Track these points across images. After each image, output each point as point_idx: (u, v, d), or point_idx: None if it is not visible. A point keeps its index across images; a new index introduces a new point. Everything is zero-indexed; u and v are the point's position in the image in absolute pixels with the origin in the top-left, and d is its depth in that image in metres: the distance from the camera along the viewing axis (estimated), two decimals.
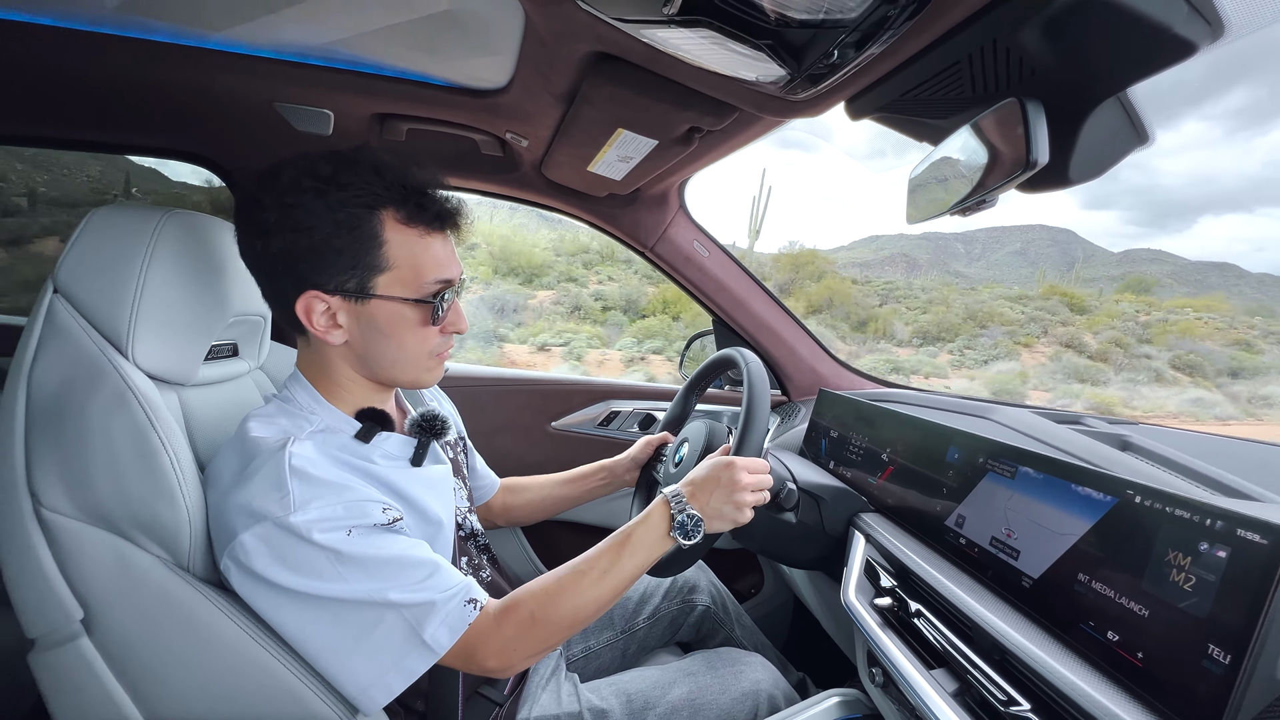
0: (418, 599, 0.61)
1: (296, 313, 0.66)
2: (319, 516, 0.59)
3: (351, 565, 0.60)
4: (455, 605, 0.63)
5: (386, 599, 0.60)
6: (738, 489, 0.74)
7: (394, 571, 0.61)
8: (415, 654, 0.61)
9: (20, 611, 0.62)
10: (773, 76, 0.64)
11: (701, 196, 10.11)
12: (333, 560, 0.59)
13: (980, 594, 0.63)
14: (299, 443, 0.63)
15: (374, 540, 0.62)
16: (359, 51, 0.88)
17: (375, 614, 0.60)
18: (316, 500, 0.60)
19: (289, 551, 0.59)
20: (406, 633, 0.61)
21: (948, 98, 0.61)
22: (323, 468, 0.63)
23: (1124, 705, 0.45)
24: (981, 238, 43.97)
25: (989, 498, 0.69)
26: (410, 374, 0.73)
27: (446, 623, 0.62)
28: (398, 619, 0.61)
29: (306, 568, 0.59)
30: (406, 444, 0.75)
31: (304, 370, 0.73)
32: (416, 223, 0.68)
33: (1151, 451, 0.73)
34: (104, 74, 0.95)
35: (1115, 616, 0.50)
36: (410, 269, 0.67)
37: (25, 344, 0.65)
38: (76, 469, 0.62)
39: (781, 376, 1.51)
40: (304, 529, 0.59)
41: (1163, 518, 0.49)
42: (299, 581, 0.59)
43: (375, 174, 0.66)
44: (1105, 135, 0.54)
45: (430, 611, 0.61)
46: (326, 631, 0.61)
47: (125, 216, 0.70)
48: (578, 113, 0.86)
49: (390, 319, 0.68)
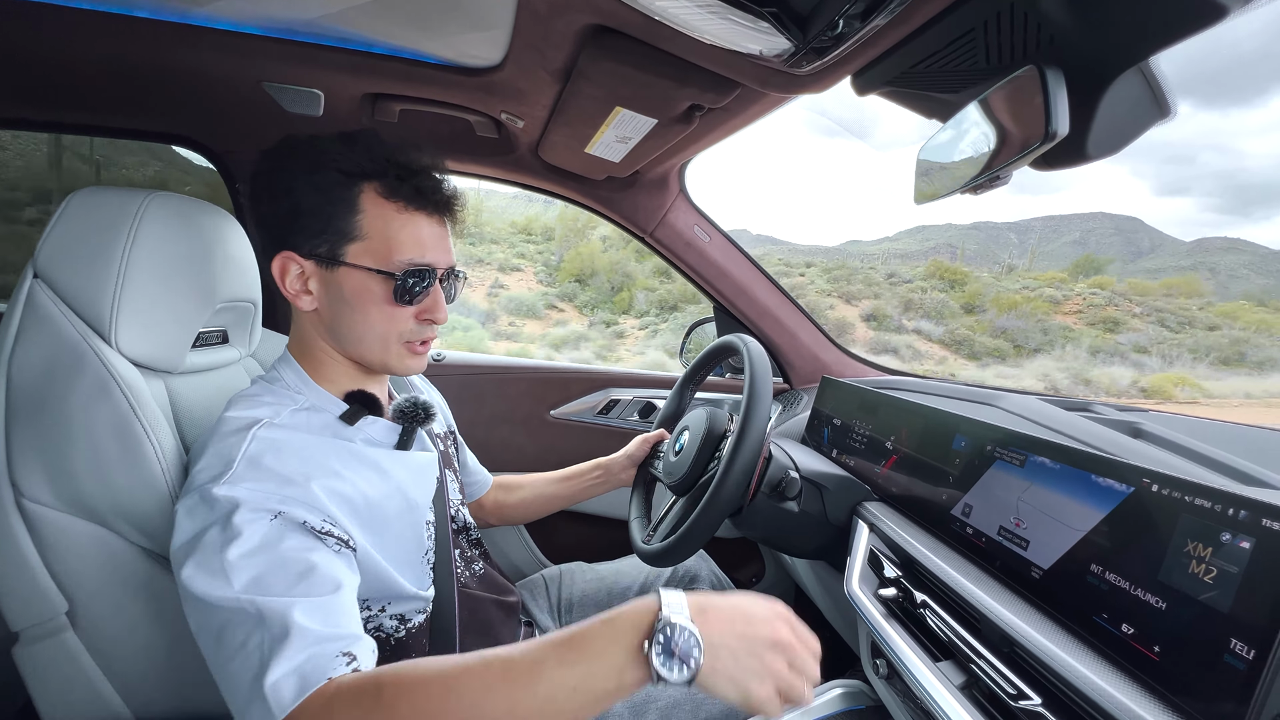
0: (288, 621, 0.49)
1: (273, 273, 0.67)
2: (245, 495, 0.55)
3: (243, 554, 0.52)
4: (324, 649, 0.49)
5: (257, 607, 0.50)
6: (780, 647, 0.50)
7: (283, 576, 0.52)
8: (257, 705, 0.46)
9: (4, 604, 0.61)
10: (776, 49, 0.62)
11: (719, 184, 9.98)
12: (227, 545, 0.52)
13: (988, 585, 0.62)
14: (270, 427, 0.62)
15: (284, 537, 0.55)
16: (349, 27, 0.85)
17: (246, 629, 0.50)
18: (252, 481, 0.56)
19: (198, 530, 0.54)
20: (255, 673, 0.47)
21: (960, 69, 0.58)
22: (283, 457, 0.60)
23: (1139, 700, 0.44)
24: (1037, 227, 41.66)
25: (997, 486, 0.67)
26: (376, 354, 0.70)
27: (300, 670, 0.47)
28: (258, 645, 0.49)
29: (203, 555, 0.52)
30: (391, 430, 0.74)
31: (293, 350, 0.73)
32: (396, 197, 0.67)
33: (1165, 438, 0.71)
34: (86, 53, 0.92)
35: (1130, 609, 0.48)
36: (382, 241, 0.67)
37: (5, 331, 0.64)
38: (58, 459, 0.60)
39: (784, 364, 1.49)
40: (222, 501, 0.54)
41: (1182, 506, 0.47)
42: (194, 576, 0.52)
43: (365, 148, 0.66)
44: (1126, 107, 0.51)
45: (289, 645, 0.48)
46: (208, 646, 0.52)
47: (106, 198, 0.68)
48: (574, 90, 0.83)
49: (355, 289, 0.67)
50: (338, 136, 0.67)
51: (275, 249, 0.67)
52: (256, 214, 0.69)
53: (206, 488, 0.55)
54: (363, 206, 0.66)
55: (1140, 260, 40.02)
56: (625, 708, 0.83)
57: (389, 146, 0.67)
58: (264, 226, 0.69)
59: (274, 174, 0.66)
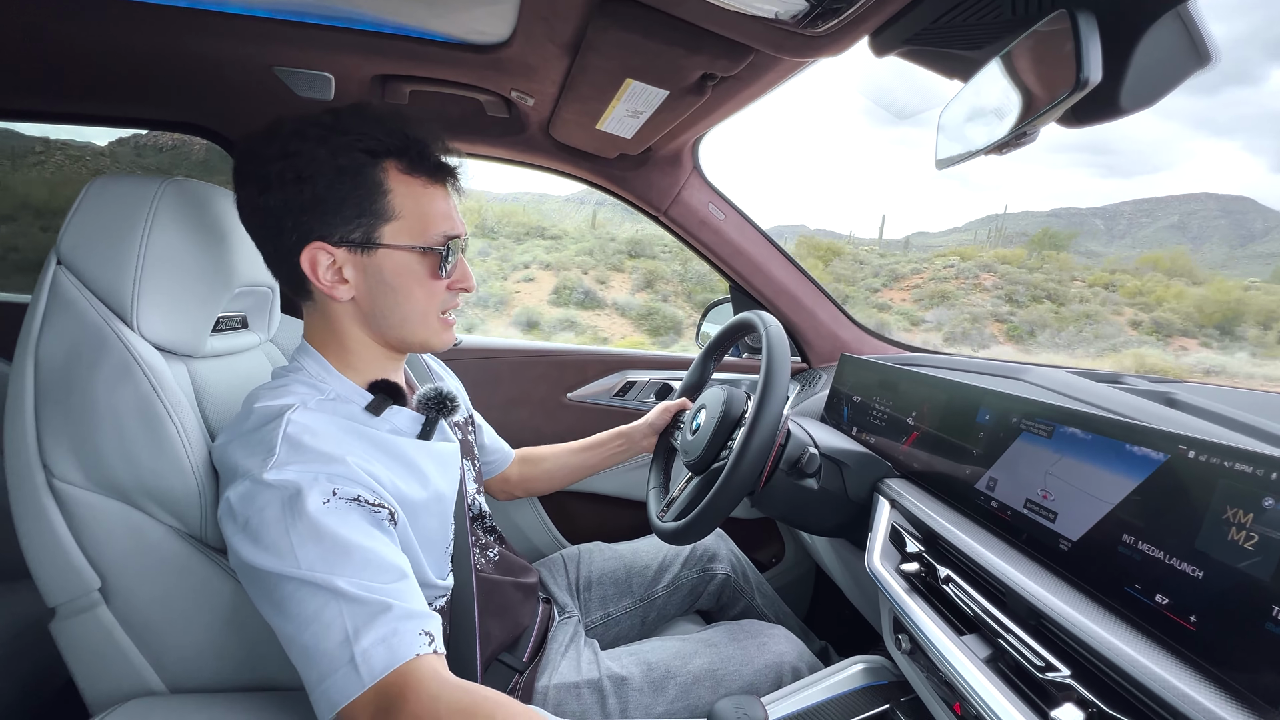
0: (370, 597, 0.52)
1: (302, 267, 0.63)
2: (295, 476, 0.56)
3: (307, 536, 0.53)
4: (408, 620, 0.53)
5: (333, 585, 0.52)
6: None
7: (354, 560, 0.54)
8: (342, 670, 0.50)
9: (40, 581, 0.62)
10: (790, 9, 0.60)
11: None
12: (291, 527, 0.54)
13: (1014, 558, 0.60)
14: (302, 410, 0.61)
15: (345, 517, 0.56)
16: (356, 6, 0.85)
17: (319, 602, 0.52)
18: (298, 463, 0.57)
19: (255, 514, 0.55)
20: (341, 640, 0.50)
21: (983, 22, 0.56)
22: (320, 438, 0.59)
23: (1174, 671, 0.42)
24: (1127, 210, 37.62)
25: (1023, 459, 0.65)
26: (419, 333, 0.70)
27: (388, 641, 0.51)
28: (338, 616, 0.51)
29: (265, 536, 0.54)
30: (415, 420, 0.73)
31: (312, 340, 0.71)
32: (419, 172, 0.66)
33: (1201, 408, 0.69)
34: (98, 43, 0.93)
35: (1165, 579, 0.47)
36: (417, 218, 0.66)
37: (31, 317, 0.65)
38: (86, 440, 0.62)
39: (802, 343, 1.47)
40: (275, 485, 0.55)
41: (1220, 472, 0.45)
42: (255, 554, 0.54)
43: (377, 122, 0.64)
44: (1163, 55, 0.48)
45: (376, 619, 0.51)
46: (281, 618, 0.53)
47: (124, 185, 0.69)
48: (584, 63, 0.82)
49: (397, 270, 0.66)
50: (340, 114, 0.64)
51: (300, 242, 0.63)
52: (264, 205, 0.63)
53: (256, 475, 0.56)
54: (390, 185, 0.64)
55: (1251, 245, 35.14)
56: (645, 683, 0.83)
57: (397, 119, 0.66)
58: (277, 218, 0.63)
59: (284, 161, 0.61)
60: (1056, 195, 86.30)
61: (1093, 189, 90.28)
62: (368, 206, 0.63)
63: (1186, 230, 35.10)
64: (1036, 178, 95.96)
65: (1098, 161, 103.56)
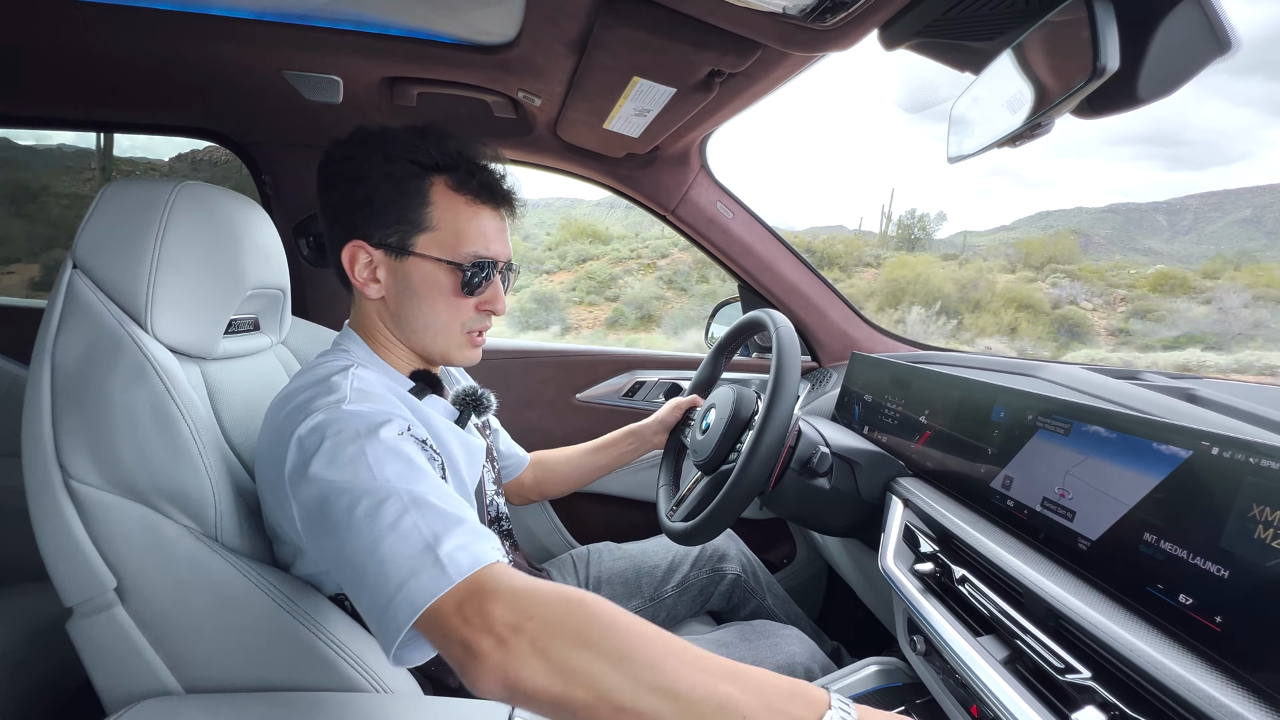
0: (447, 509, 0.53)
1: (342, 261, 0.69)
2: (370, 410, 0.59)
3: (385, 455, 0.55)
4: (483, 536, 0.53)
5: (413, 493, 0.53)
6: None
7: (430, 480, 0.55)
8: (427, 571, 0.49)
9: (56, 581, 0.63)
10: (799, 3, 0.59)
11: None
12: (368, 445, 0.55)
13: (1031, 558, 0.59)
14: (363, 369, 0.66)
15: (418, 451, 0.59)
16: (363, 9, 0.85)
17: (399, 506, 0.52)
18: (369, 404, 0.60)
19: (333, 434, 0.56)
20: (422, 546, 0.50)
21: (994, 13, 0.55)
22: (381, 396, 0.63)
23: (1199, 672, 0.41)
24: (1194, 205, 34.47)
25: (1039, 457, 0.64)
26: (439, 344, 0.73)
27: (469, 547, 0.50)
28: (416, 525, 0.51)
29: (343, 453, 0.55)
30: (450, 412, 0.77)
31: (355, 328, 0.75)
32: (465, 190, 0.69)
33: (1223, 403, 0.67)
34: (110, 48, 0.94)
35: (1189, 578, 0.46)
36: (451, 233, 0.69)
37: (48, 320, 0.66)
38: (101, 441, 0.62)
39: (812, 342, 1.46)
40: (350, 414, 0.57)
41: (1246, 469, 0.44)
42: (330, 470, 0.54)
43: (436, 140, 0.68)
44: (1181, 43, 0.47)
45: (454, 527, 0.51)
46: (355, 532, 0.52)
47: (138, 190, 0.70)
48: (591, 62, 0.82)
49: (424, 279, 0.69)
50: (407, 129, 0.69)
51: (345, 237, 0.69)
52: (327, 202, 0.70)
53: (333, 407, 0.58)
54: (433, 199, 0.68)
55: None
56: None
57: (457, 140, 0.70)
58: (334, 215, 0.70)
59: (347, 163, 0.68)
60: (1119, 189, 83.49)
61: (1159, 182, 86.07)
62: (408, 214, 0.68)
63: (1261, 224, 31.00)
64: (1096, 172, 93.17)
65: (1164, 153, 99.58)
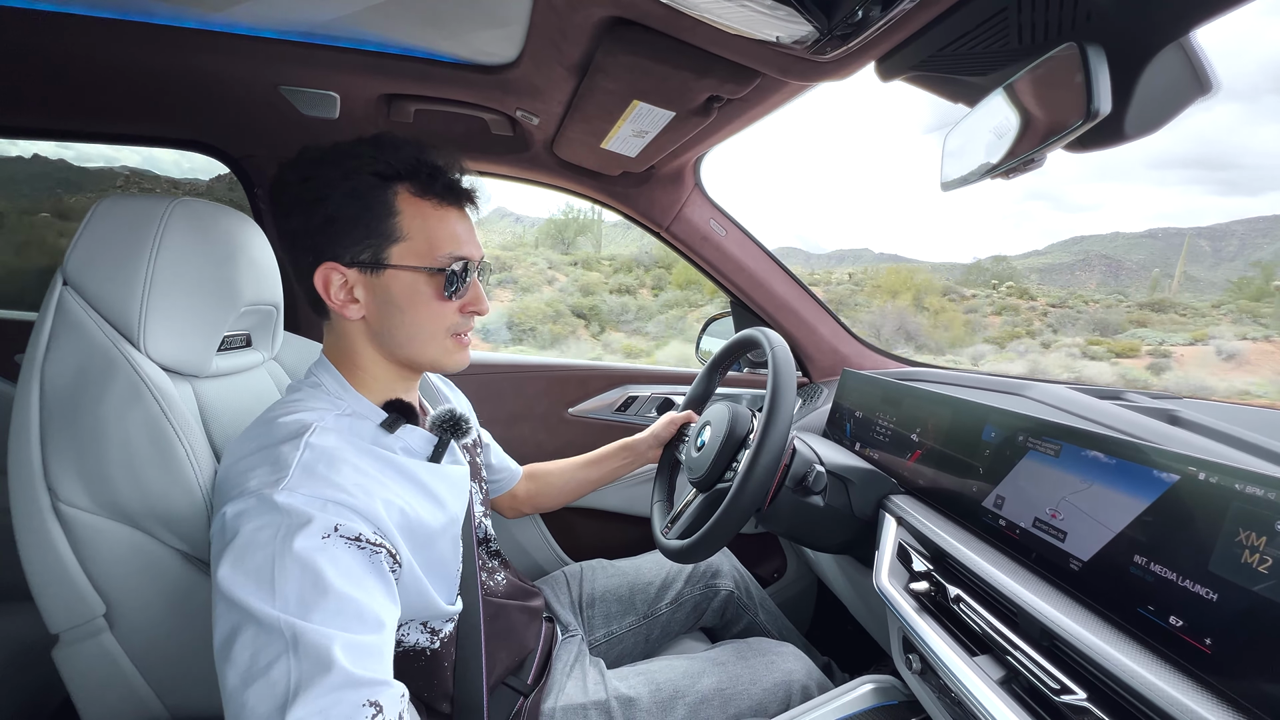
0: (322, 643, 0.48)
1: (315, 286, 0.66)
2: (303, 503, 0.53)
3: (292, 569, 0.50)
4: (351, 696, 0.47)
5: (297, 630, 0.48)
6: None
7: (329, 605, 0.50)
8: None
9: (43, 607, 0.61)
10: (798, 35, 0.61)
11: None
12: (280, 555, 0.51)
13: (1024, 577, 0.61)
14: (321, 432, 0.61)
15: (338, 556, 0.53)
16: (364, 28, 0.85)
17: (280, 647, 0.48)
18: (308, 489, 0.55)
19: (250, 532, 0.52)
20: (279, 700, 0.46)
21: (990, 50, 0.57)
22: (336, 466, 0.58)
23: (1191, 694, 0.43)
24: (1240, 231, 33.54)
25: (1031, 477, 0.66)
26: (428, 353, 0.71)
27: (325, 713, 0.45)
28: (289, 669, 0.47)
29: (251, 559, 0.51)
30: (428, 441, 0.74)
31: (330, 357, 0.72)
32: (429, 195, 0.67)
33: (1203, 425, 0.70)
34: (105, 61, 0.93)
35: (1179, 601, 0.47)
36: (424, 239, 0.67)
37: (36, 338, 0.64)
38: (93, 463, 0.61)
39: (803, 357, 1.48)
40: (281, 507, 0.52)
41: (1232, 495, 0.46)
42: (234, 576, 0.50)
43: (392, 148, 0.66)
44: (1165, 84, 0.49)
45: (318, 679, 0.46)
46: (232, 666, 0.48)
47: (131, 205, 0.69)
48: (591, 85, 0.83)
49: (404, 290, 0.67)
50: (360, 141, 0.66)
51: (313, 262, 0.65)
52: (286, 228, 0.66)
53: (264, 493, 0.53)
54: (399, 208, 0.66)
55: None
56: (654, 703, 0.82)
57: (412, 145, 0.67)
58: (294, 241, 0.66)
59: (303, 185, 0.64)
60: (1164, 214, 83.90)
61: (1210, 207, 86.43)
62: (376, 228, 0.65)
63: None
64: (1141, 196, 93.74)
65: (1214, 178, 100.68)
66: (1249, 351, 13.63)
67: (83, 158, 11.56)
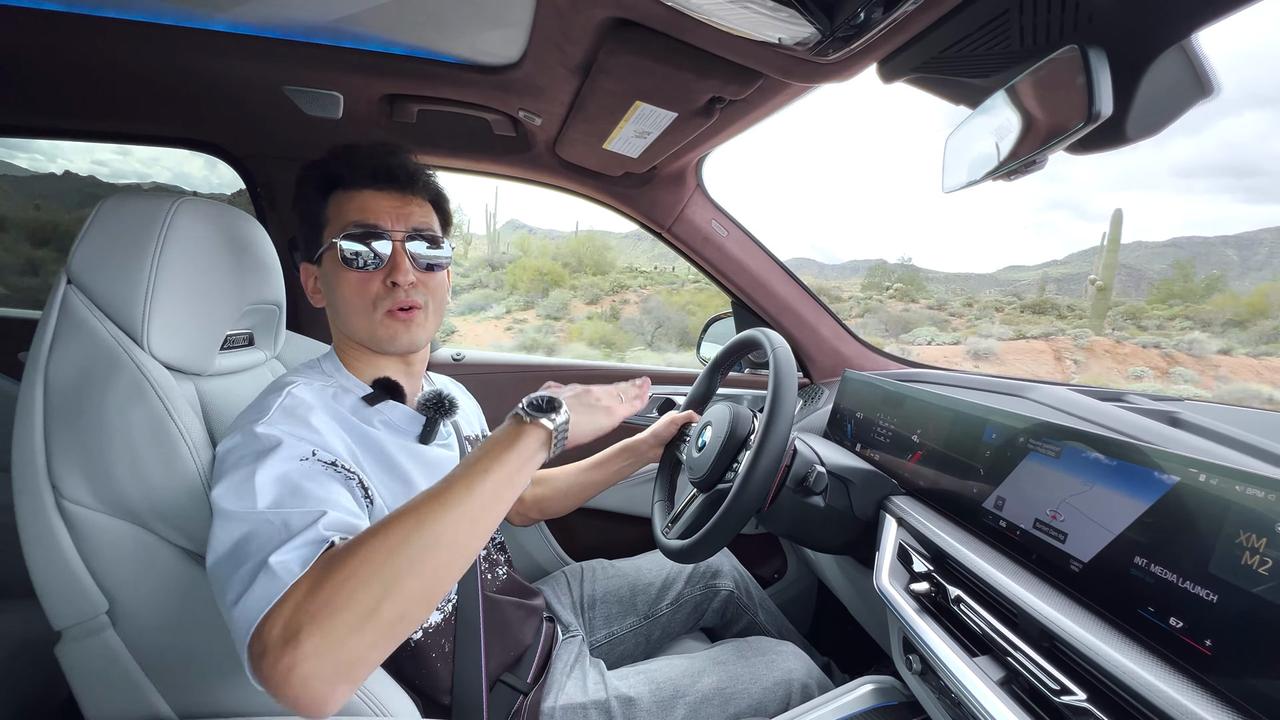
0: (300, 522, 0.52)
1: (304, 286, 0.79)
2: (281, 434, 0.59)
3: (272, 478, 0.55)
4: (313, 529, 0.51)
5: (281, 519, 0.52)
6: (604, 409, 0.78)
7: (307, 500, 0.54)
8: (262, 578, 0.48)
9: (46, 604, 0.61)
10: (800, 37, 0.61)
11: None
12: (260, 467, 0.55)
13: (1024, 578, 0.61)
14: (304, 387, 0.68)
15: (313, 472, 0.58)
16: (367, 28, 0.86)
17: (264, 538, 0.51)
18: (287, 425, 0.61)
19: (233, 453, 0.58)
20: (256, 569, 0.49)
21: (991, 53, 0.57)
22: (313, 413, 0.64)
23: (1191, 695, 0.43)
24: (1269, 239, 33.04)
25: (1031, 479, 0.66)
26: (362, 329, 0.75)
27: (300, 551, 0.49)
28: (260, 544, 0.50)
29: (235, 473, 0.55)
30: (414, 419, 0.78)
31: (334, 344, 0.81)
32: (351, 185, 0.73)
33: (1204, 427, 0.70)
34: (110, 60, 0.94)
35: (1179, 602, 0.47)
36: (337, 218, 0.73)
37: (41, 336, 0.65)
38: (97, 460, 0.61)
39: (804, 358, 1.48)
40: (261, 436, 0.58)
41: (1232, 497, 0.46)
42: (222, 492, 0.54)
43: (335, 161, 0.73)
44: (1167, 86, 0.49)
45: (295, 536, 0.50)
46: (221, 554, 0.52)
47: (136, 204, 0.69)
48: (593, 86, 0.83)
49: (329, 270, 0.74)
50: (325, 156, 0.75)
51: (301, 263, 0.79)
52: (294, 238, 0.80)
53: (248, 426, 0.60)
54: (330, 201, 0.74)
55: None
56: (654, 703, 0.83)
57: (352, 151, 0.74)
58: (295, 246, 0.80)
59: (294, 200, 0.78)
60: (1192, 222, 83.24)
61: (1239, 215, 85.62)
62: (314, 220, 0.74)
63: None
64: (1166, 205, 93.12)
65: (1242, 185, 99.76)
66: (1002, 351, 15.26)
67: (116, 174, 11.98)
